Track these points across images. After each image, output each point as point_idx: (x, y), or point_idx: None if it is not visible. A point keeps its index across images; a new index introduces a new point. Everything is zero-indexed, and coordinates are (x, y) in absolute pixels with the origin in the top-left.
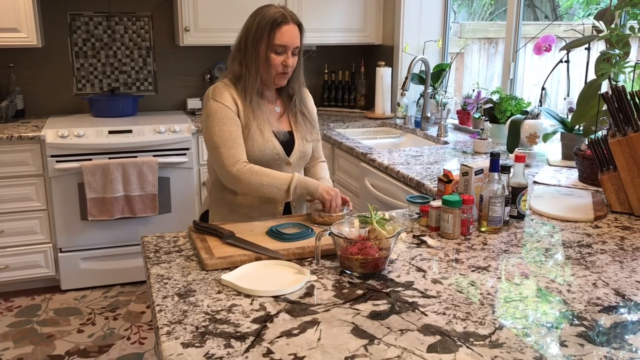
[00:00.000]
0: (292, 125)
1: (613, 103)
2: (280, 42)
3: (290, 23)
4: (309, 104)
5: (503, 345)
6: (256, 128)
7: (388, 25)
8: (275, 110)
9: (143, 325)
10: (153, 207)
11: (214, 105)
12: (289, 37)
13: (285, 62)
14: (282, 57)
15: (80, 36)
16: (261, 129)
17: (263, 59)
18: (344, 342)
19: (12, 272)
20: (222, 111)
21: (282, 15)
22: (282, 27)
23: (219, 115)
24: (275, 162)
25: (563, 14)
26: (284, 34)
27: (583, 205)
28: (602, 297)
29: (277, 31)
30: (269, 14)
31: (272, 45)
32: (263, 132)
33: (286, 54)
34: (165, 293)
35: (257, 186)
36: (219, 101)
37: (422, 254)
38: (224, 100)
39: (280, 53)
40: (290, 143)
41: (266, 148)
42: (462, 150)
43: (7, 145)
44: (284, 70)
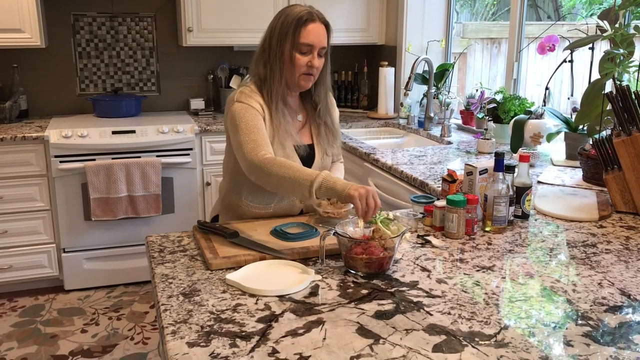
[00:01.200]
0: (313, 137)
1: (617, 103)
2: (305, 41)
3: (317, 21)
4: (334, 113)
5: (509, 345)
6: (278, 141)
7: (391, 25)
8: (297, 119)
9: (147, 325)
10: (156, 208)
11: (238, 107)
12: (315, 36)
13: (310, 62)
14: (307, 58)
15: (83, 37)
16: (282, 142)
17: (287, 59)
18: (349, 341)
19: (16, 272)
20: (249, 110)
21: (309, 13)
22: (307, 26)
23: (245, 112)
24: None
25: (566, 14)
26: (310, 32)
27: (587, 205)
28: (608, 297)
29: (303, 29)
30: (294, 12)
31: (297, 45)
32: (284, 147)
33: (312, 54)
34: (170, 292)
35: (278, 178)
36: (245, 102)
37: (427, 254)
38: (250, 102)
39: (306, 53)
40: (310, 156)
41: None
42: (466, 150)
43: (11, 145)
44: (309, 71)
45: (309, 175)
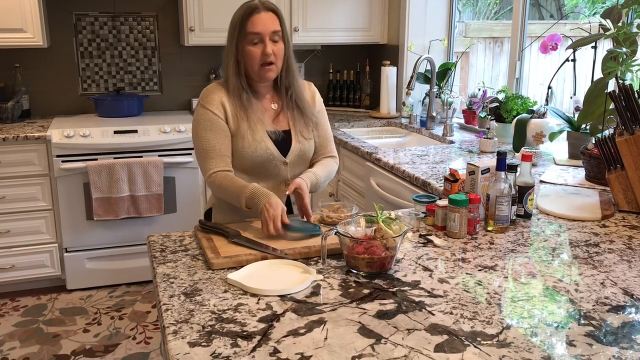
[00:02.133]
0: (289, 123)
1: (620, 102)
2: (252, 30)
3: (262, 11)
4: (304, 95)
5: (511, 344)
6: (247, 128)
7: (393, 24)
8: (271, 107)
9: (149, 325)
10: (158, 207)
11: (200, 111)
12: (262, 24)
13: (264, 51)
14: (259, 47)
15: (85, 36)
16: (253, 128)
17: (242, 54)
18: (351, 341)
19: (18, 272)
20: (206, 117)
21: (253, 5)
22: (252, 16)
23: (202, 121)
24: (271, 162)
25: (568, 13)
26: (255, 22)
27: (590, 204)
28: (610, 297)
29: (248, 21)
30: (240, 10)
31: (247, 36)
32: (255, 133)
33: (263, 43)
34: (171, 292)
35: (222, 196)
36: (205, 106)
37: (429, 254)
38: (210, 105)
39: (257, 43)
40: (286, 142)
41: (258, 149)
42: (468, 149)
43: (13, 145)
44: (265, 60)
45: (240, 190)
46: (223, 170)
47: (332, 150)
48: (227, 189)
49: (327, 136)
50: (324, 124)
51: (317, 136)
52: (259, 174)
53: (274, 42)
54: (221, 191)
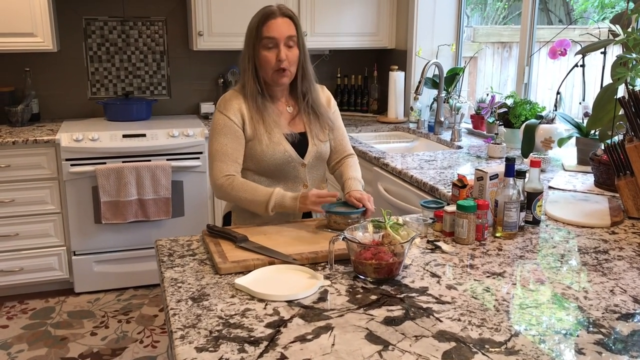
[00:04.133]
0: (305, 126)
1: (630, 108)
2: (267, 35)
3: (278, 16)
4: (321, 100)
5: (519, 352)
6: (264, 132)
7: (401, 29)
8: (286, 111)
9: (156, 329)
10: (166, 211)
11: (217, 117)
12: (277, 30)
13: (278, 56)
14: (274, 52)
15: (95, 41)
16: (269, 132)
17: (257, 58)
18: (358, 347)
19: (27, 275)
20: (223, 122)
21: (270, 10)
22: (268, 21)
23: (219, 126)
24: (289, 164)
25: (577, 18)
26: (271, 26)
27: (599, 210)
28: (620, 304)
29: (264, 26)
30: (257, 14)
31: (262, 41)
32: (271, 136)
33: (278, 48)
34: (179, 297)
35: (236, 200)
36: (223, 112)
37: (437, 260)
38: (227, 112)
39: (272, 48)
40: (303, 144)
41: (276, 151)
42: (476, 154)
43: (23, 148)
44: (279, 66)
45: (264, 195)
46: (233, 174)
47: (350, 149)
48: (247, 191)
49: (344, 136)
50: (340, 125)
51: (334, 139)
52: (278, 177)
53: (288, 48)
54: (239, 196)
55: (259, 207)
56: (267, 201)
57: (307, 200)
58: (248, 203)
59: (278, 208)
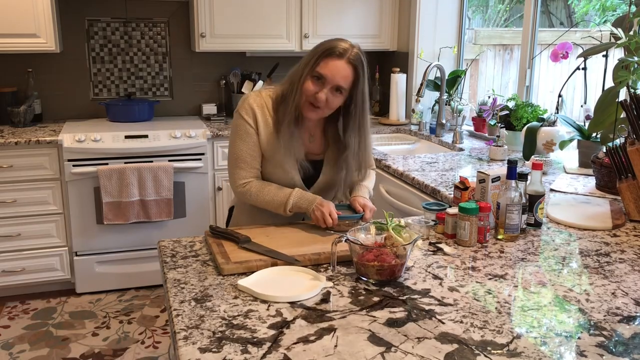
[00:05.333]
0: (324, 151)
1: (632, 111)
2: (320, 71)
3: (343, 59)
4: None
5: (521, 354)
6: (280, 158)
7: (403, 31)
8: (307, 140)
9: (157, 330)
10: (168, 212)
11: (236, 120)
12: (332, 71)
13: (318, 94)
14: (317, 87)
15: (97, 42)
16: (284, 160)
17: (301, 82)
18: (361, 349)
19: (28, 275)
20: (240, 126)
21: (342, 48)
22: (331, 58)
23: (238, 130)
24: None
25: (579, 21)
26: (329, 64)
27: (601, 213)
28: (622, 307)
29: (323, 60)
30: (329, 43)
31: (312, 71)
32: (284, 164)
33: (323, 86)
34: (182, 298)
35: (257, 203)
36: (241, 115)
37: (439, 262)
38: (245, 115)
39: (318, 83)
40: (314, 173)
41: (285, 178)
42: (478, 157)
43: (25, 149)
44: (314, 101)
45: (283, 197)
46: (249, 180)
47: (372, 162)
48: (268, 195)
49: (369, 150)
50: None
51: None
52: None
53: (332, 93)
54: (257, 198)
55: (279, 209)
56: (286, 203)
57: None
58: (268, 205)
59: (296, 209)
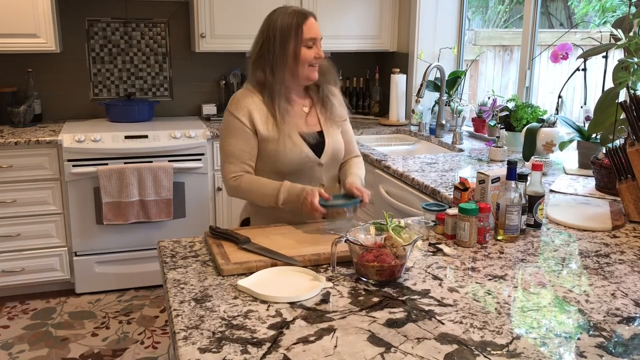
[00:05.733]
0: (321, 123)
1: (632, 112)
2: (309, 36)
3: (309, 16)
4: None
5: (521, 355)
6: (285, 135)
7: (403, 32)
8: (303, 110)
9: (156, 330)
10: (168, 212)
11: (226, 117)
12: (315, 30)
13: (317, 54)
14: (313, 51)
15: (97, 42)
16: (290, 134)
17: (292, 57)
18: (361, 349)
19: (28, 275)
20: (232, 123)
21: (302, 11)
22: (307, 21)
23: (229, 127)
24: (306, 164)
25: (578, 22)
26: (311, 27)
27: (600, 214)
28: (621, 308)
29: (304, 26)
30: (288, 13)
31: (303, 40)
32: (290, 138)
33: (316, 46)
34: (182, 298)
35: (248, 197)
36: (233, 113)
37: (438, 262)
38: (237, 113)
39: (311, 46)
40: (320, 143)
41: (294, 153)
42: (478, 157)
43: (25, 149)
44: (314, 62)
45: (274, 188)
46: (240, 174)
47: (357, 150)
48: (258, 189)
49: (352, 137)
50: (348, 128)
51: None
52: (294, 176)
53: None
54: (249, 193)
55: (270, 201)
56: (277, 195)
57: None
58: (259, 198)
59: (288, 203)
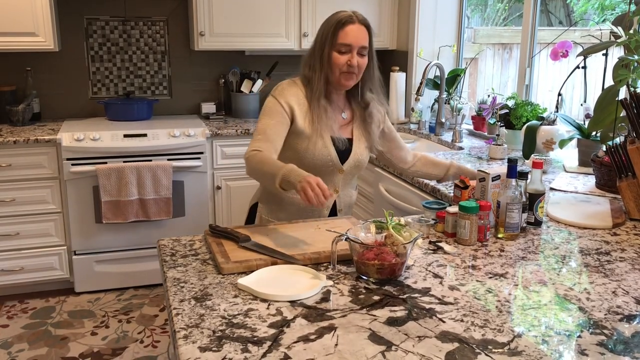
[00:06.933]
0: (353, 133)
1: (632, 109)
2: (343, 41)
3: (356, 23)
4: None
5: (522, 353)
6: (318, 133)
7: (402, 30)
8: (342, 117)
9: (156, 329)
10: (167, 211)
11: (269, 100)
12: (353, 36)
13: (350, 61)
14: (346, 57)
15: (96, 40)
16: (323, 134)
17: (326, 59)
18: (361, 348)
19: (27, 274)
20: (273, 106)
21: (348, 16)
22: (346, 27)
23: (268, 108)
24: (328, 168)
25: (577, 20)
26: (348, 33)
27: (601, 212)
28: (622, 306)
29: (341, 31)
30: (336, 17)
31: (335, 45)
32: (324, 138)
33: (351, 54)
34: (182, 297)
35: (256, 173)
36: (276, 97)
37: (439, 260)
38: (280, 98)
39: (345, 52)
40: (347, 151)
41: (321, 154)
42: (477, 156)
43: (24, 148)
44: (348, 69)
45: (276, 168)
46: (260, 150)
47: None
48: (263, 167)
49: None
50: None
51: (395, 147)
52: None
53: (360, 56)
54: (256, 170)
55: (269, 181)
56: (275, 174)
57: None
58: (263, 176)
59: (285, 182)
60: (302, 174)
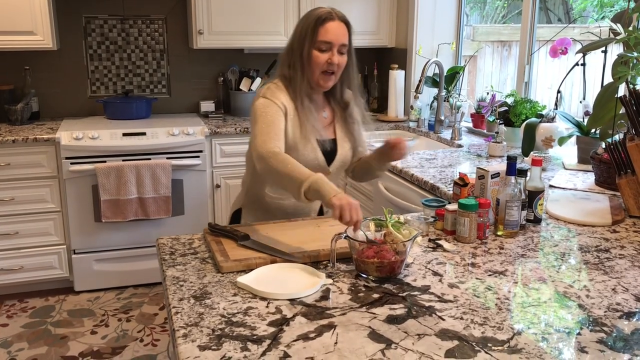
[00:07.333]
0: (337, 133)
1: (631, 106)
2: (323, 39)
3: (336, 20)
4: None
5: (522, 350)
6: (303, 136)
7: (401, 28)
8: (323, 116)
9: (156, 327)
10: (166, 209)
11: (261, 102)
12: (334, 34)
13: (330, 59)
14: (326, 55)
15: (94, 39)
16: (308, 137)
17: (307, 57)
18: (361, 346)
19: (27, 273)
20: (270, 106)
21: (328, 12)
22: (326, 24)
23: (266, 108)
24: (315, 170)
25: (576, 17)
26: (328, 30)
27: (600, 209)
28: (622, 303)
29: (321, 28)
30: (315, 13)
31: (316, 42)
32: (307, 141)
33: (331, 52)
34: (181, 295)
35: (277, 172)
36: (270, 98)
37: (438, 258)
38: (274, 98)
39: (325, 50)
40: (332, 152)
41: (308, 157)
42: (477, 153)
43: (23, 147)
44: (328, 68)
45: (304, 174)
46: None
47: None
48: (286, 168)
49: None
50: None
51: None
52: None
53: (340, 54)
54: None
55: (293, 185)
56: (303, 180)
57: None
58: (285, 178)
59: (313, 193)
60: (334, 187)
